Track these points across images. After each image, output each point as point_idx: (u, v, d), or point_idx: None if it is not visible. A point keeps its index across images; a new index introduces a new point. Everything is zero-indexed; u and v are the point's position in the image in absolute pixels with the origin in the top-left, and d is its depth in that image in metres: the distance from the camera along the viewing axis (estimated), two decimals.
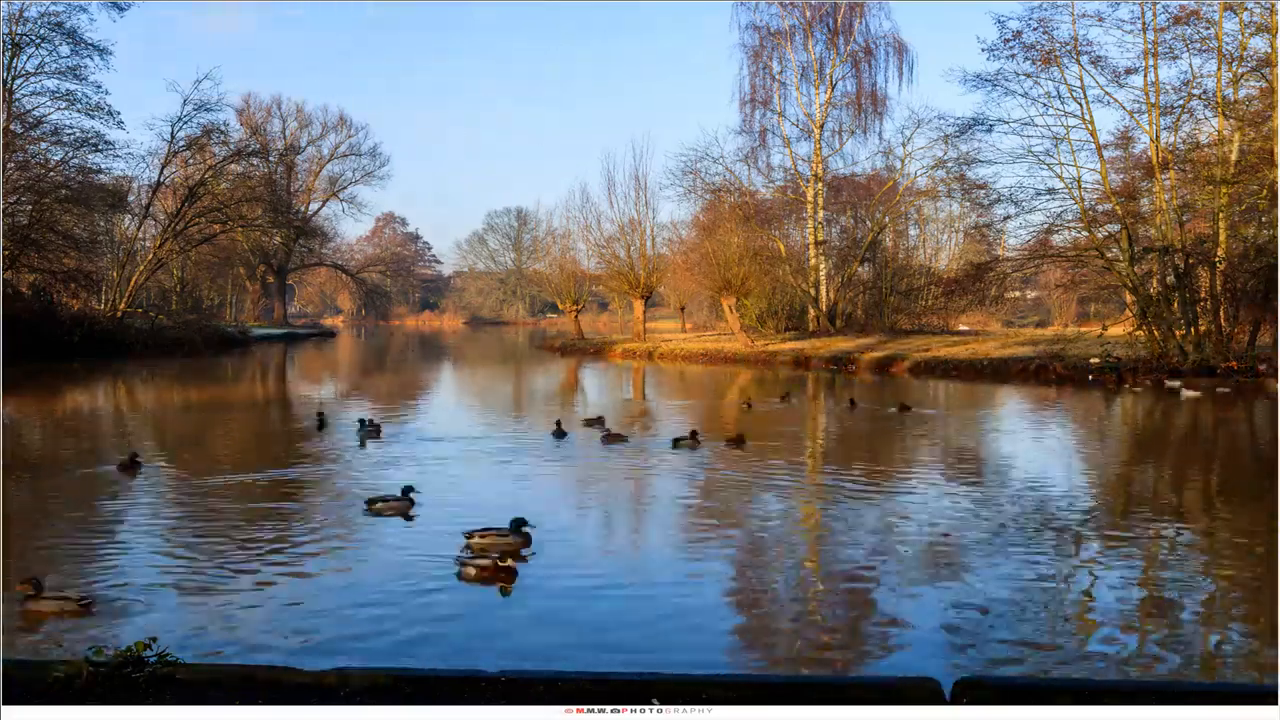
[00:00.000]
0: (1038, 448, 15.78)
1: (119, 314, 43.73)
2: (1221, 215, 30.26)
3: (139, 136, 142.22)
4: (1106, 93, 34.40)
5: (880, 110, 47.46)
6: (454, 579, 7.61)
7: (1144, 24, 30.73)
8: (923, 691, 4.72)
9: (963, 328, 51.64)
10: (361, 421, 15.86)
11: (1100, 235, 31.85)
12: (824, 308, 46.75)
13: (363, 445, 14.68)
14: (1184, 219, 32.21)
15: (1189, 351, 27.69)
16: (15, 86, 40.29)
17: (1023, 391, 25.76)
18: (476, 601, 7.14)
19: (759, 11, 48.05)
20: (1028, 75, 31.66)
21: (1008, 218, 35.42)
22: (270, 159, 70.49)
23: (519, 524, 8.41)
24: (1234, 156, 30.18)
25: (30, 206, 38.19)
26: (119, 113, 42.55)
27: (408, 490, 10.19)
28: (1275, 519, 9.55)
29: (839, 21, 46.73)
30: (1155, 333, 28.72)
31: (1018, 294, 58.44)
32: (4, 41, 38.43)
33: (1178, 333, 28.71)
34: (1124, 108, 32.24)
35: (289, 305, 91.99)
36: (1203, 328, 28.64)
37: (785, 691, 4.77)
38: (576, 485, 12.15)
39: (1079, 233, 32.96)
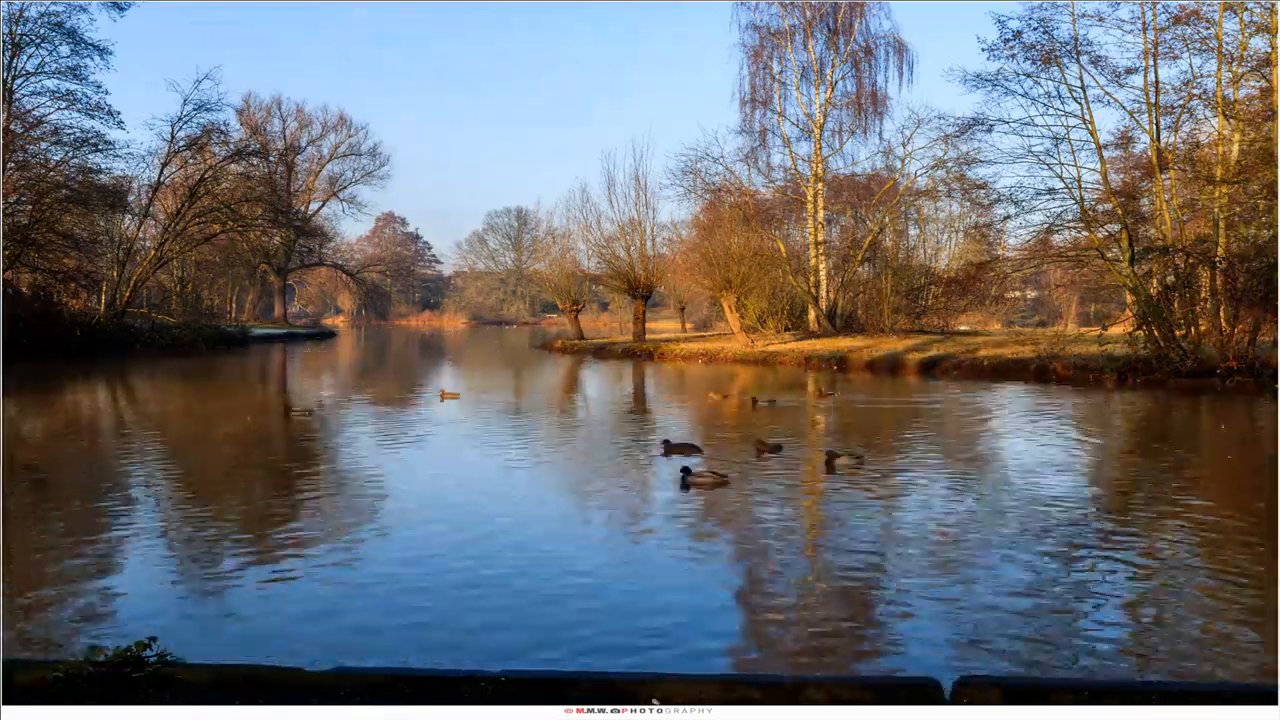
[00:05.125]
0: (1037, 445, 15.76)
1: (120, 313, 43.73)
2: (1221, 215, 30.26)
3: (139, 136, 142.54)
4: (1106, 93, 34.49)
5: (880, 110, 47.46)
6: (453, 578, 7.66)
7: (1144, 24, 30.78)
8: (923, 691, 4.72)
9: (963, 328, 51.57)
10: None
11: (1100, 235, 31.82)
12: (824, 308, 46.73)
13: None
14: (1184, 219, 32.21)
15: (1189, 351, 27.68)
16: (15, 86, 40.31)
17: (1029, 389, 25.75)
18: (475, 600, 7.14)
19: (759, 11, 48.08)
20: (1028, 75, 31.65)
21: (1008, 218, 35.44)
22: (270, 159, 70.56)
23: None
24: (1234, 156, 30.18)
25: (30, 206, 38.24)
26: (119, 113, 42.69)
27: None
28: (1275, 518, 9.56)
29: (839, 21, 46.70)
30: (1155, 333, 28.71)
31: (1018, 294, 58.45)
32: (4, 41, 38.44)
33: (1178, 333, 28.69)
34: (1124, 108, 32.28)
35: (289, 305, 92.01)
36: (1203, 328, 28.61)
37: (785, 691, 4.76)
38: (574, 484, 12.14)
39: (1079, 233, 32.95)
